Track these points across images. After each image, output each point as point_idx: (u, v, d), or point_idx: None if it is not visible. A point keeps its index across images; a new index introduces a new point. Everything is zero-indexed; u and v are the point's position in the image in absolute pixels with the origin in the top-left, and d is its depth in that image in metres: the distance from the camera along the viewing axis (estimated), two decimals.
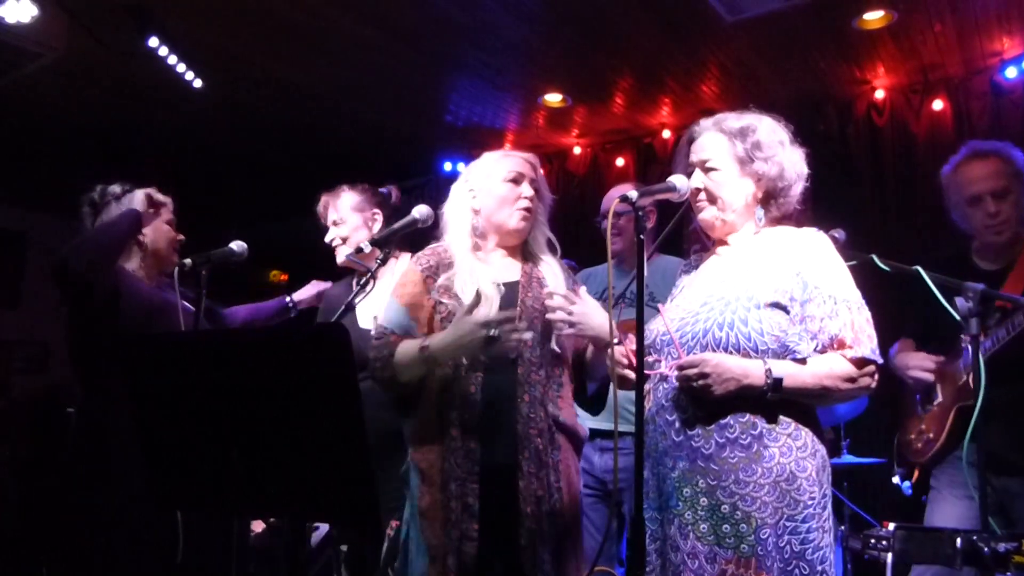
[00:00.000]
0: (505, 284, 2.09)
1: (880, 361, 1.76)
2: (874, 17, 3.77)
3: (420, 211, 2.09)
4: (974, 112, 4.26)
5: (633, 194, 1.68)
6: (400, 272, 2.17)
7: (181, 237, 2.61)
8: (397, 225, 2.05)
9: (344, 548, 2.30)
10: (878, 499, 3.64)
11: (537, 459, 1.96)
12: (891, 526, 1.90)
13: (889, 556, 1.86)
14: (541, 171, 2.22)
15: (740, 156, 1.86)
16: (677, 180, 1.79)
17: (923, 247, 4.11)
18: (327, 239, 2.69)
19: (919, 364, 2.58)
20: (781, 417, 1.72)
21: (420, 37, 3.99)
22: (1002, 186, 2.52)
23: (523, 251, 2.20)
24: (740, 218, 1.89)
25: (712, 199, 1.88)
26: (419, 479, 2.01)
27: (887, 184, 4.47)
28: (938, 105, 4.35)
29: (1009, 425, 2.30)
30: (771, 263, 1.81)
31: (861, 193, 4.51)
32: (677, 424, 1.76)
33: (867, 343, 1.73)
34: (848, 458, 3.73)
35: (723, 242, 1.94)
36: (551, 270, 2.15)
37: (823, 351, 1.74)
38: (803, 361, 1.73)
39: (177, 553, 2.08)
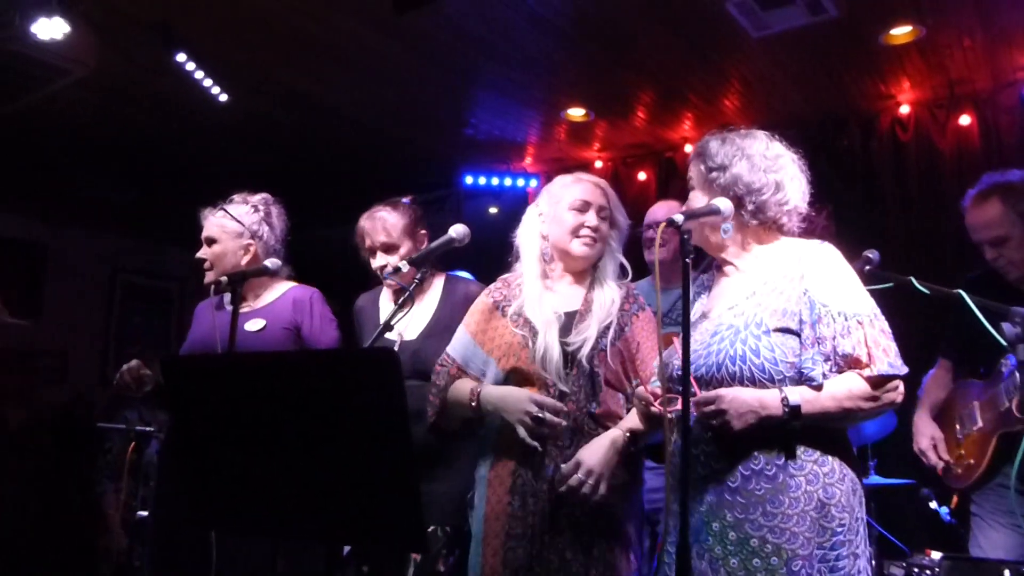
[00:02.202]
0: (567, 313, 2.10)
1: (902, 373, 1.70)
2: (902, 32, 3.76)
3: (457, 230, 2.08)
4: (1002, 127, 4.23)
5: (679, 218, 1.67)
6: (438, 292, 2.17)
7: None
8: (434, 244, 2.04)
9: (365, 569, 2.29)
10: (907, 521, 3.58)
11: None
12: (935, 555, 1.86)
13: None
14: (614, 196, 2.20)
15: (702, 174, 1.86)
16: (721, 203, 1.77)
17: (950, 265, 4.07)
18: (376, 264, 2.62)
19: (925, 445, 2.59)
20: (805, 445, 1.69)
21: (442, 51, 4.01)
22: (995, 235, 2.51)
23: (591, 277, 2.18)
24: (719, 237, 1.84)
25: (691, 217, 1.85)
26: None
27: (912, 200, 4.44)
28: (965, 120, 4.32)
29: None
30: (777, 284, 1.78)
31: (885, 209, 4.48)
32: (702, 458, 1.74)
33: (884, 358, 1.68)
34: (876, 479, 3.68)
35: (728, 262, 1.90)
36: (605, 298, 2.11)
37: (840, 371, 1.71)
38: (820, 387, 1.69)
39: (210, 573, 2.07)
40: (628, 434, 1.98)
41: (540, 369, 2.03)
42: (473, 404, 2.04)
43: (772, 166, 1.83)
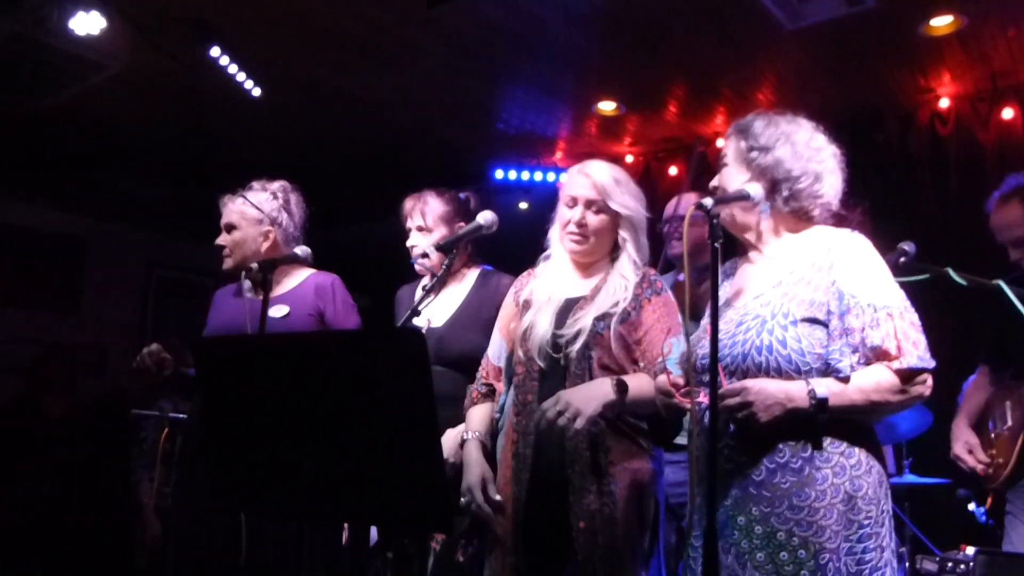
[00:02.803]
0: (569, 299, 2.12)
1: (931, 366, 1.67)
2: (943, 23, 3.67)
3: (485, 217, 2.08)
4: None
5: (709, 202, 1.64)
6: (471, 282, 2.19)
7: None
8: (462, 231, 2.04)
9: (390, 555, 2.30)
10: (942, 520, 3.51)
11: (589, 472, 1.97)
12: (970, 550, 1.82)
13: None
14: (613, 186, 2.15)
15: (741, 151, 1.83)
16: (751, 188, 1.75)
17: (990, 265, 3.97)
18: (409, 244, 2.64)
19: (960, 450, 2.58)
20: (832, 437, 1.67)
21: (474, 45, 4.01)
22: (1016, 236, 2.53)
23: (609, 267, 2.18)
24: (749, 216, 1.83)
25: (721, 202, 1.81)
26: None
27: (951, 197, 4.34)
28: (1008, 113, 4.21)
29: None
30: (806, 273, 1.75)
31: (923, 206, 4.39)
32: (725, 451, 1.72)
33: (913, 351, 1.65)
34: (910, 478, 3.61)
35: (755, 248, 1.87)
36: (612, 286, 2.11)
37: (868, 364, 1.68)
38: (847, 379, 1.66)
39: (240, 558, 2.09)
40: (616, 380, 1.95)
41: (522, 343, 2.07)
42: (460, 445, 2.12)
43: (814, 156, 1.82)
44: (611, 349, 2.02)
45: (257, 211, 2.63)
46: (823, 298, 1.71)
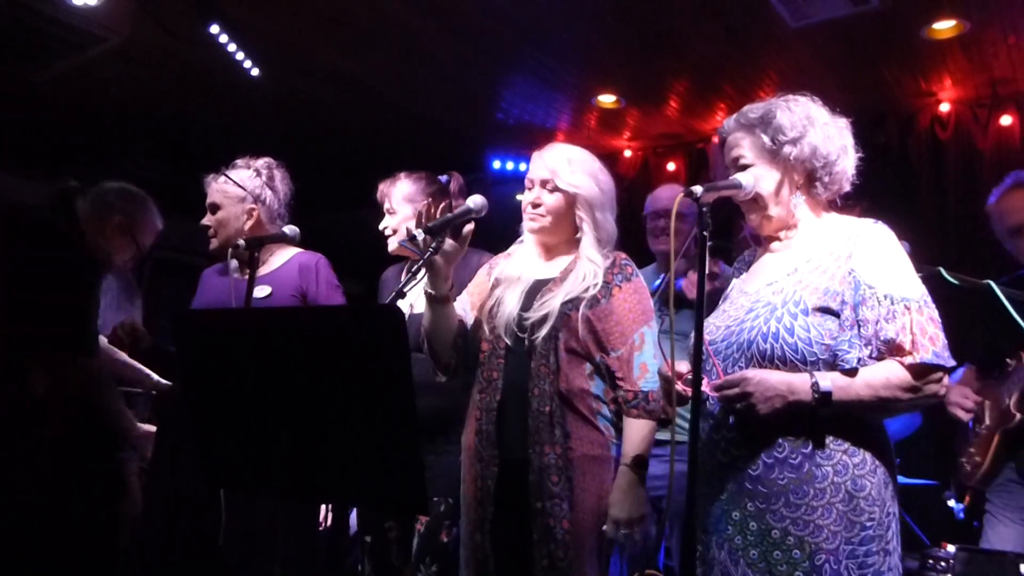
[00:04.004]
0: (538, 280, 2.12)
1: (948, 365, 1.59)
2: (945, 27, 3.66)
3: (475, 201, 2.06)
4: None
5: (698, 189, 1.61)
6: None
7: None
8: (451, 215, 2.02)
9: (368, 539, 2.29)
10: (929, 522, 3.52)
11: (549, 452, 1.97)
12: (951, 547, 1.82)
13: None
14: (564, 164, 2.13)
15: (766, 146, 1.75)
16: (743, 177, 1.73)
17: (987, 268, 3.97)
18: (381, 226, 2.67)
19: (958, 402, 2.56)
20: (836, 433, 1.60)
21: (476, 32, 3.98)
22: (1013, 223, 2.53)
23: (566, 247, 2.18)
24: (785, 211, 1.77)
25: (753, 198, 1.77)
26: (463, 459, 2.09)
27: (949, 201, 4.33)
28: (1007, 120, 4.21)
29: None
30: (823, 262, 1.69)
31: (921, 209, 4.38)
32: (723, 444, 1.67)
33: (929, 347, 1.56)
34: (899, 479, 3.61)
35: (776, 238, 1.82)
36: (581, 270, 2.09)
37: (880, 358, 1.60)
38: (853, 372, 1.58)
39: (219, 535, 2.08)
40: (636, 467, 1.97)
41: (489, 319, 2.08)
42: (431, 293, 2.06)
43: (837, 134, 1.78)
44: (577, 332, 2.01)
45: (239, 189, 2.61)
46: (838, 287, 1.65)
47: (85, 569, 2.38)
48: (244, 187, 2.61)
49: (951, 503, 2.60)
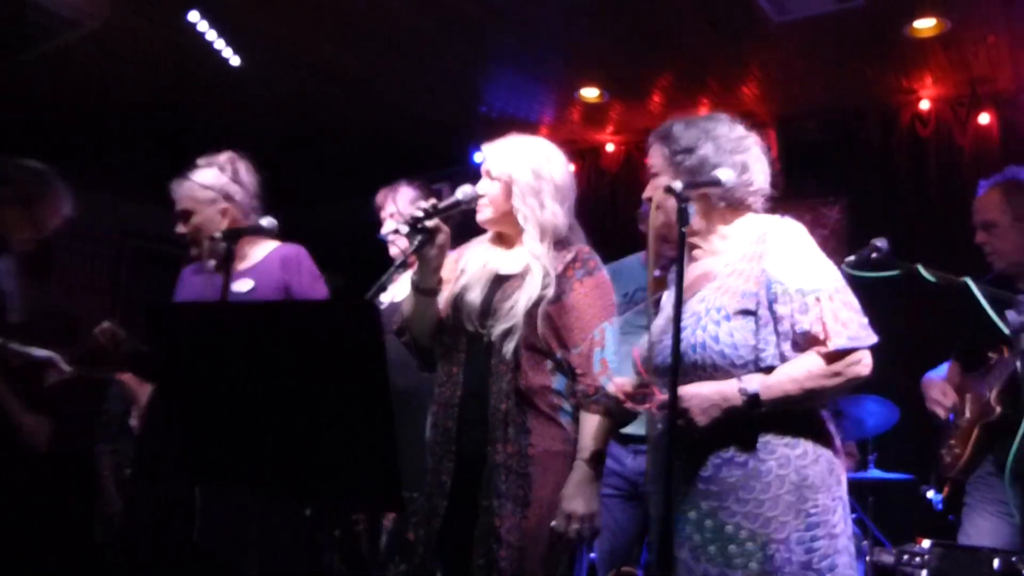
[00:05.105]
0: (500, 275, 2.09)
1: (865, 345, 1.67)
2: (927, 25, 3.68)
3: (464, 191, 2.03)
4: (1022, 128, 4.15)
5: (678, 185, 1.63)
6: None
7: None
8: (441, 205, 2.00)
9: (337, 532, 2.28)
10: (906, 516, 3.55)
11: (501, 451, 1.95)
12: (926, 542, 1.84)
13: (924, 573, 1.80)
14: (501, 153, 2.12)
15: (666, 156, 1.84)
16: (723, 173, 1.73)
17: (966, 263, 4.01)
18: (384, 232, 2.64)
19: (937, 399, 2.61)
20: (776, 429, 1.69)
21: (460, 22, 3.95)
22: (985, 219, 2.59)
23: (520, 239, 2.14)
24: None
25: (658, 205, 1.84)
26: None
27: (930, 197, 4.37)
28: (985, 119, 4.24)
29: None
30: (739, 266, 1.77)
31: (902, 204, 4.42)
32: (675, 449, 1.72)
33: (842, 331, 1.65)
34: (875, 473, 3.65)
35: (696, 246, 1.88)
36: (538, 266, 2.04)
37: (801, 351, 1.69)
38: (771, 369, 1.67)
39: (194, 530, 2.07)
40: (592, 463, 1.96)
41: (452, 310, 2.06)
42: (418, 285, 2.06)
43: (737, 147, 1.82)
44: (536, 329, 1.99)
45: (208, 191, 2.55)
46: (753, 288, 1.72)
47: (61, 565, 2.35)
48: (212, 187, 2.56)
49: (929, 495, 2.63)
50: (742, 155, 1.82)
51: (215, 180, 2.58)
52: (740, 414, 1.65)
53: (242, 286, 2.45)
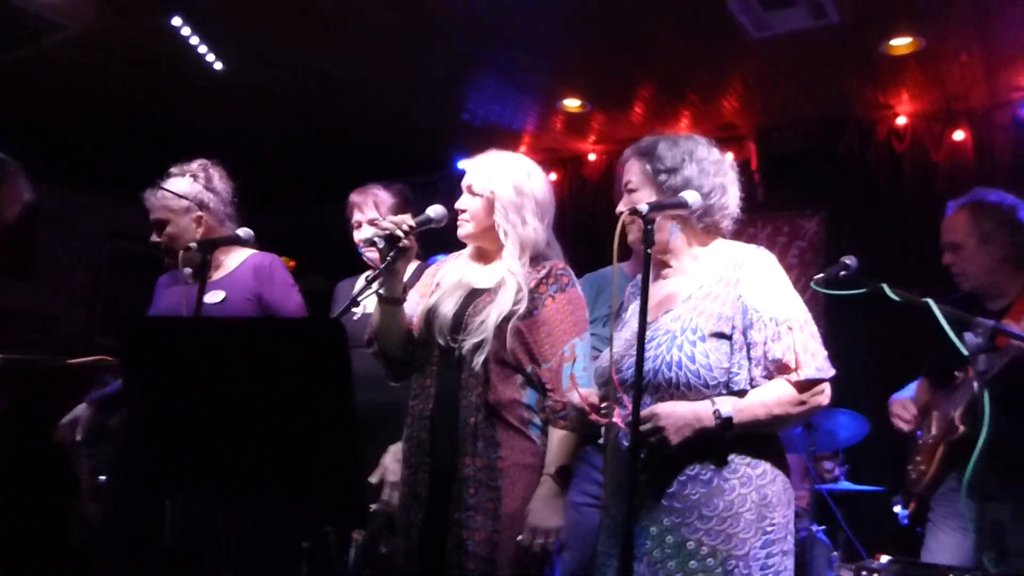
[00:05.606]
0: (475, 289, 2.11)
1: (828, 376, 1.75)
2: (902, 43, 3.74)
3: (435, 210, 2.06)
4: (996, 145, 4.22)
5: (644, 207, 1.66)
6: (407, 274, 2.20)
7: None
8: (414, 223, 2.02)
9: (305, 545, 2.29)
10: (876, 528, 3.61)
11: (469, 464, 1.97)
12: (884, 558, 1.88)
13: None
14: (485, 170, 2.14)
15: (647, 174, 1.87)
16: (689, 196, 1.77)
17: (939, 280, 4.07)
18: (360, 238, 2.62)
19: (899, 414, 2.66)
20: (739, 449, 1.74)
21: (445, 30, 3.98)
22: (951, 240, 2.63)
23: (499, 254, 2.16)
24: (663, 236, 1.88)
25: (631, 222, 1.86)
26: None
27: (907, 211, 4.42)
28: (959, 135, 4.31)
29: (995, 455, 2.31)
30: (714, 288, 1.82)
31: (880, 217, 4.48)
32: (639, 465, 1.74)
33: (811, 362, 1.73)
34: (846, 485, 3.70)
35: (666, 264, 1.93)
36: (512, 281, 2.07)
37: (769, 377, 1.75)
38: (742, 392, 1.74)
39: (165, 539, 2.07)
40: (559, 478, 1.98)
41: (425, 323, 2.09)
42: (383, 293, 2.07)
43: (718, 170, 1.88)
44: (506, 344, 2.01)
45: (182, 200, 2.54)
46: (729, 312, 1.77)
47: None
48: (186, 196, 2.54)
49: (897, 509, 2.68)
50: (722, 178, 1.88)
51: (189, 189, 2.57)
52: (711, 435, 1.70)
53: (213, 297, 2.44)
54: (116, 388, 2.70)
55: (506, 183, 2.11)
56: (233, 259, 2.59)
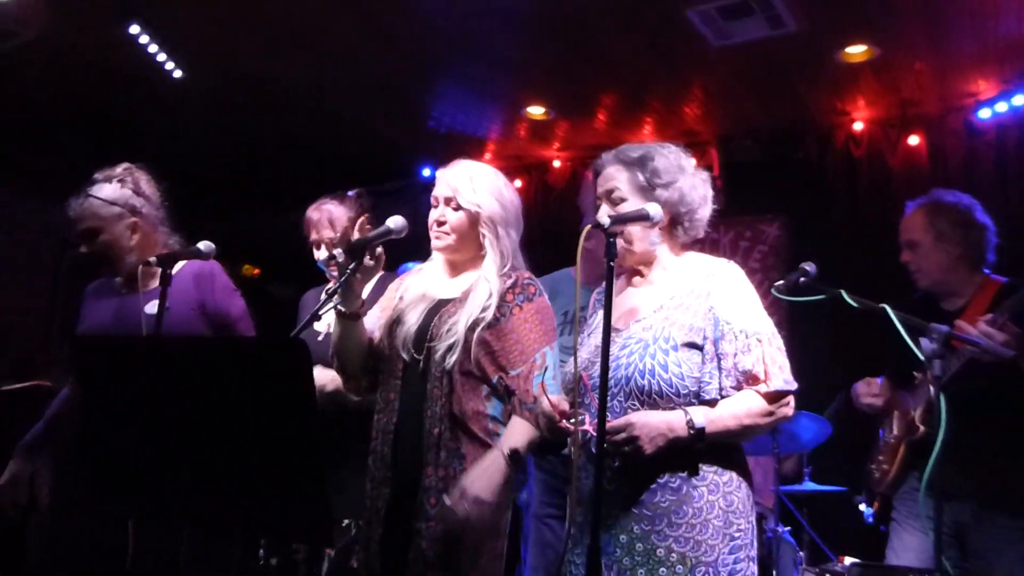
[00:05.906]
0: (441, 300, 2.11)
1: (793, 388, 1.79)
2: (857, 51, 3.83)
3: (395, 221, 2.04)
4: (949, 150, 4.33)
5: (605, 220, 1.67)
6: (370, 287, 2.17)
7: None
8: (371, 235, 2.00)
9: (273, 561, 2.27)
10: (839, 528, 3.66)
11: (432, 475, 1.96)
12: (847, 561, 1.91)
13: None
14: (467, 183, 2.12)
15: (641, 184, 1.87)
16: (651, 208, 1.78)
17: (897, 282, 4.15)
18: (320, 257, 2.57)
19: (867, 392, 2.71)
20: (708, 457, 1.77)
21: (408, 40, 3.98)
22: (909, 238, 2.68)
23: (472, 265, 2.17)
24: (647, 247, 1.90)
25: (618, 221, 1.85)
26: None
27: (863, 215, 4.51)
28: (914, 140, 4.42)
29: (954, 455, 2.35)
30: (685, 299, 1.84)
31: (838, 222, 4.56)
32: (608, 473, 1.77)
33: (779, 375, 1.77)
34: (810, 485, 3.75)
35: (637, 272, 1.94)
36: (481, 291, 2.07)
37: (738, 387, 1.78)
38: (712, 402, 1.76)
39: (127, 560, 2.03)
40: (509, 457, 1.95)
41: (388, 336, 2.08)
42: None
43: (702, 184, 1.91)
44: (472, 354, 2.00)
45: (112, 207, 2.42)
46: (701, 323, 1.79)
47: None
48: (116, 202, 2.43)
49: (862, 507, 2.73)
50: (704, 190, 1.91)
51: (119, 195, 2.46)
52: (683, 445, 1.72)
53: (153, 307, 2.31)
54: (40, 429, 2.52)
55: (490, 196, 2.13)
56: (173, 268, 2.49)
